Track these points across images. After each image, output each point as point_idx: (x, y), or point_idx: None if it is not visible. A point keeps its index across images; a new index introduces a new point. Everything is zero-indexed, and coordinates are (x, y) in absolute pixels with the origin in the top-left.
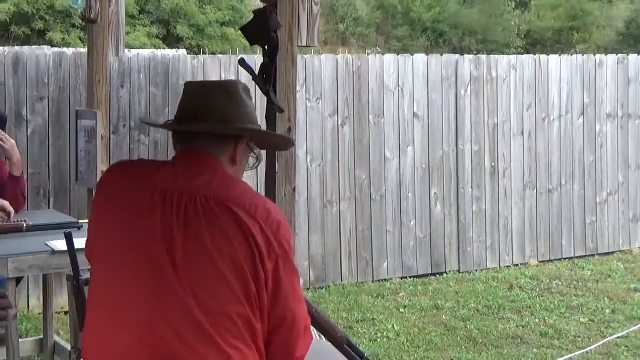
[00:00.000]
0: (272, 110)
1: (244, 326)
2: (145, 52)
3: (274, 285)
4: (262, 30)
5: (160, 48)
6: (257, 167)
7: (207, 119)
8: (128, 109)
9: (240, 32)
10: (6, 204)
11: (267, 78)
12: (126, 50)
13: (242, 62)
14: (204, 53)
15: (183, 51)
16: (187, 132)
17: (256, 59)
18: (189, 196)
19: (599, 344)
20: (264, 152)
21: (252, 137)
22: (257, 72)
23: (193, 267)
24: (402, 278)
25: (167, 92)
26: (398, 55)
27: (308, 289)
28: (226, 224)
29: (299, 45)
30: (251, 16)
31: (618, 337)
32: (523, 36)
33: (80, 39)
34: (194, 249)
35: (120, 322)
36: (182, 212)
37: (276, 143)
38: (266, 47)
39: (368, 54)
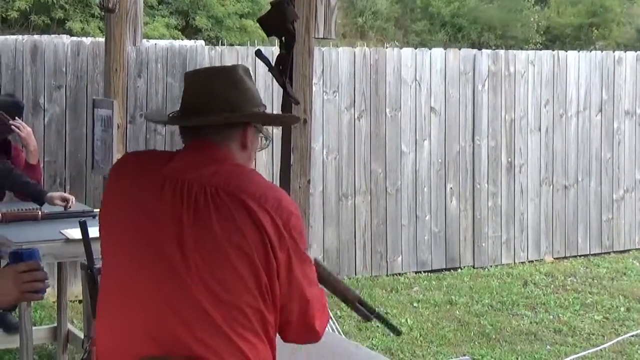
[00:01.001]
0: (288, 102)
1: (255, 317)
2: (163, 43)
3: (287, 276)
4: (279, 22)
5: (178, 39)
6: (267, 147)
7: (212, 109)
8: (145, 99)
9: (258, 24)
10: (64, 194)
11: (283, 69)
12: (144, 40)
13: (258, 53)
14: (222, 44)
15: (201, 42)
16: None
17: (273, 51)
18: (198, 186)
19: (613, 342)
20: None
21: (266, 121)
22: (273, 64)
23: (203, 258)
24: (416, 272)
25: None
26: (416, 49)
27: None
28: (236, 214)
29: (316, 37)
30: (269, 8)
31: (632, 336)
32: (542, 32)
33: (99, 28)
34: (203, 239)
35: (129, 313)
36: (191, 202)
37: (285, 122)
38: (283, 38)
39: (386, 48)
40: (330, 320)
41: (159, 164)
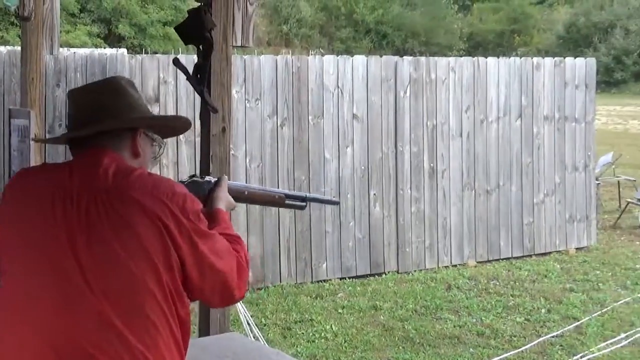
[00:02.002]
0: (206, 110)
1: (160, 321)
2: (82, 51)
3: (194, 259)
4: (196, 30)
5: (101, 47)
6: (161, 155)
7: (98, 119)
8: (64, 108)
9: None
10: None
11: (201, 78)
12: (64, 48)
13: (176, 62)
14: (146, 52)
15: (123, 50)
16: (83, 136)
17: (194, 59)
18: (89, 195)
19: (534, 343)
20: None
21: (149, 126)
22: (191, 72)
23: (100, 268)
24: (341, 279)
25: None
26: (338, 56)
27: (246, 290)
28: (129, 214)
29: (234, 45)
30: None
31: (553, 336)
32: (465, 39)
33: (19, 36)
34: (98, 249)
35: (32, 331)
36: (82, 212)
37: (175, 127)
38: (200, 46)
39: (314, 55)
40: (254, 328)
41: (49, 178)
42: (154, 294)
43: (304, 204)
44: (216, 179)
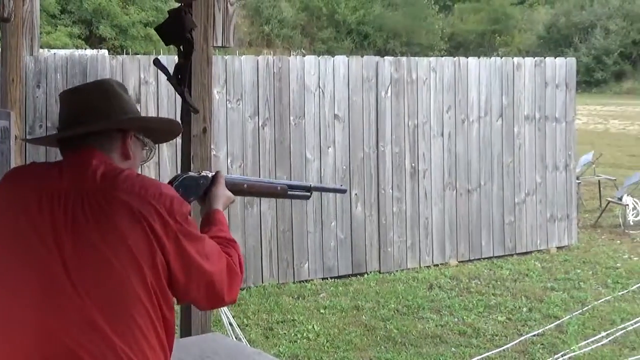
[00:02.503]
0: (187, 111)
1: (145, 323)
2: (63, 52)
3: (181, 261)
4: (176, 30)
5: (82, 48)
6: (151, 159)
7: (87, 120)
8: (45, 109)
9: (156, 32)
10: None
11: (181, 78)
12: (45, 49)
13: (156, 62)
14: (127, 53)
15: (104, 51)
16: (73, 137)
17: (175, 60)
18: (76, 195)
19: (515, 342)
20: (179, 145)
21: (140, 128)
22: (172, 72)
23: (86, 270)
24: (322, 279)
25: None
26: (319, 56)
27: (237, 294)
28: (116, 215)
29: (214, 45)
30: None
31: (534, 335)
32: (446, 39)
33: None
34: (83, 250)
35: (19, 334)
36: (69, 212)
37: (167, 130)
38: (181, 47)
39: (295, 56)
40: (236, 329)
41: (37, 178)
42: (139, 296)
43: (308, 194)
44: (213, 174)
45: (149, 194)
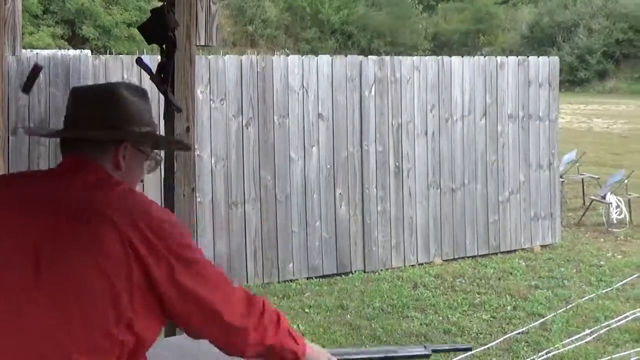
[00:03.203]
0: (170, 110)
1: (111, 344)
2: (46, 52)
3: (178, 292)
4: (159, 29)
5: (65, 49)
6: (153, 171)
7: (83, 125)
8: (27, 110)
9: (138, 32)
10: None
11: (164, 77)
12: (27, 50)
13: (139, 61)
14: (110, 54)
15: (87, 52)
16: (71, 139)
17: (158, 59)
18: (59, 206)
19: (499, 340)
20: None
21: (137, 141)
22: (154, 72)
23: (55, 283)
24: (307, 278)
25: (68, 93)
26: (302, 56)
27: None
28: (98, 231)
29: (197, 44)
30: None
31: (518, 333)
32: (430, 39)
33: None
34: (59, 263)
35: None
36: (50, 223)
37: (172, 142)
38: (164, 46)
39: (279, 55)
40: None
41: (24, 186)
42: (106, 315)
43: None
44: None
45: (136, 215)
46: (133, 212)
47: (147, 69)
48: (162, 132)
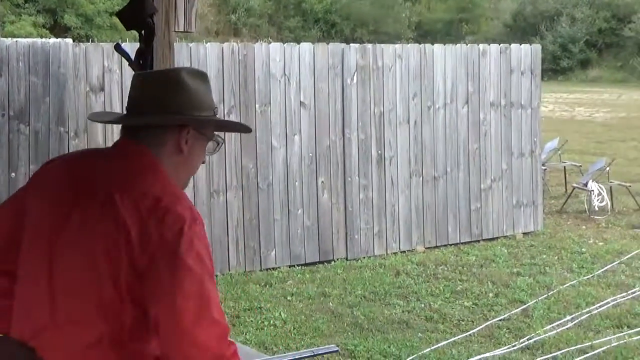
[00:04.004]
0: None
1: (106, 328)
2: (25, 40)
3: (147, 281)
4: (137, 15)
5: (46, 37)
6: (215, 153)
7: (145, 110)
8: (7, 98)
9: (116, 17)
10: None
11: (143, 64)
12: (8, 39)
13: (117, 48)
14: (92, 42)
15: (69, 40)
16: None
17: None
18: (104, 190)
19: (481, 326)
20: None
21: (199, 126)
22: (133, 58)
23: (65, 271)
24: (290, 266)
25: (48, 81)
26: (284, 44)
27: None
28: (103, 218)
29: (176, 30)
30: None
31: (500, 320)
32: (414, 28)
33: None
34: (68, 249)
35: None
36: (78, 208)
37: (233, 125)
38: (142, 32)
39: (261, 43)
40: None
41: (75, 167)
42: (96, 316)
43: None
44: None
45: (145, 201)
46: (142, 198)
47: (125, 55)
48: None
